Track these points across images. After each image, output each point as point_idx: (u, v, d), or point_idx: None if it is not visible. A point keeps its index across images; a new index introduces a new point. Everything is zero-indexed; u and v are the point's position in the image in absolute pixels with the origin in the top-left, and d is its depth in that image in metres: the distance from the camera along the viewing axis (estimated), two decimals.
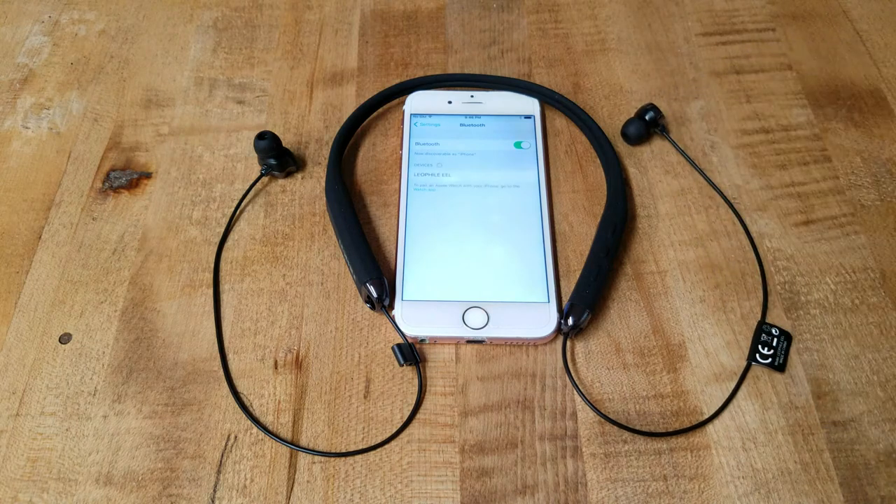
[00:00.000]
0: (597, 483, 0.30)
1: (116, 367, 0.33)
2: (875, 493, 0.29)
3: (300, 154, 0.40)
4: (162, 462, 0.31)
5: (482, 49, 0.45)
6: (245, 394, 0.32)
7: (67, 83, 0.44)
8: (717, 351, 0.33)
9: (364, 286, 0.33)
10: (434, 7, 0.47)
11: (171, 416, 0.32)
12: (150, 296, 0.35)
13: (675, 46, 0.45)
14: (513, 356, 0.33)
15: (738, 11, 0.46)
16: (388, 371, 0.33)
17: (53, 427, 0.32)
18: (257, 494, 0.30)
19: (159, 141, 0.41)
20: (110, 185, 0.39)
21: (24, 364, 0.33)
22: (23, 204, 0.39)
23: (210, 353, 0.33)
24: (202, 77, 0.44)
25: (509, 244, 0.35)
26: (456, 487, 0.30)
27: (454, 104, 0.40)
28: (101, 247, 0.37)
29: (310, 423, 0.31)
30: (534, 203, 0.37)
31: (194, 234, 0.37)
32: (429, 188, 0.37)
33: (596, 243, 0.35)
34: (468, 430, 0.31)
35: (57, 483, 0.30)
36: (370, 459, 0.30)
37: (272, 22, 0.47)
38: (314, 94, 0.43)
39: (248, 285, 0.35)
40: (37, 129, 0.42)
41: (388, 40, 0.45)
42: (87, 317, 0.35)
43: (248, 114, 0.42)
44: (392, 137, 0.41)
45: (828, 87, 0.42)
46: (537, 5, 0.47)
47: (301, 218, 0.38)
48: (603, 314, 0.34)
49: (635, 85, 0.43)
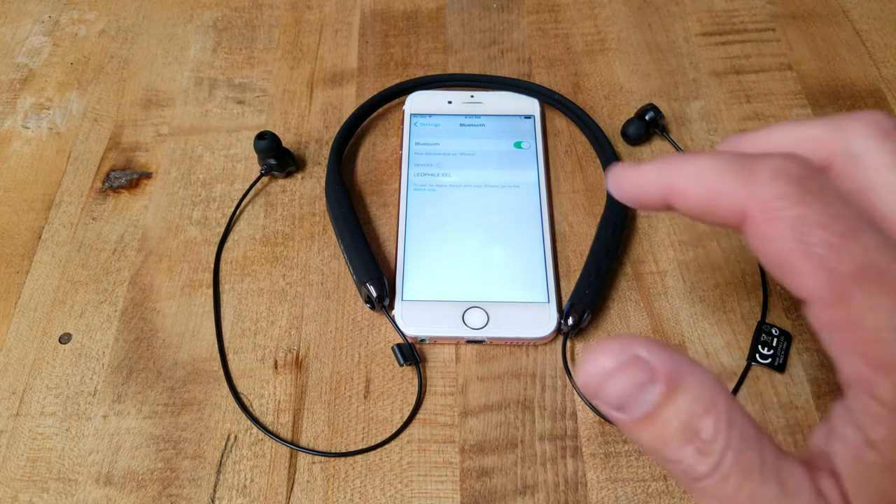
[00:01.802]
0: (597, 483, 0.30)
1: (116, 367, 0.33)
2: None
3: (300, 154, 0.40)
4: (162, 462, 0.31)
5: (482, 49, 0.45)
6: (245, 394, 0.32)
7: (67, 83, 0.44)
8: (717, 351, 0.33)
9: (364, 286, 0.33)
10: (434, 7, 0.47)
11: (171, 416, 0.32)
12: (150, 296, 0.35)
13: (675, 46, 0.45)
14: (513, 356, 0.33)
15: (738, 11, 0.46)
16: (388, 371, 0.33)
17: (53, 427, 0.32)
18: (257, 494, 0.30)
19: (159, 141, 0.41)
20: (110, 185, 0.39)
21: (24, 364, 0.33)
22: (23, 204, 0.39)
23: (210, 353, 0.33)
24: (202, 77, 0.44)
25: (509, 244, 0.35)
26: (456, 487, 0.30)
27: (454, 104, 0.40)
28: (101, 247, 0.37)
29: (310, 423, 0.31)
30: (534, 203, 0.37)
31: (194, 234, 0.37)
32: (429, 188, 0.37)
33: (596, 243, 0.35)
34: (468, 430, 0.31)
35: (57, 483, 0.30)
36: (370, 459, 0.31)
37: (272, 22, 0.47)
38: (314, 94, 0.43)
39: (248, 285, 0.35)
40: (37, 129, 0.42)
41: (388, 40, 0.45)
42: (87, 317, 0.35)
43: (248, 114, 0.42)
44: (392, 137, 0.41)
45: (828, 87, 0.42)
46: (537, 5, 0.47)
47: (301, 218, 0.38)
48: (603, 314, 0.34)
49: (635, 85, 0.43)
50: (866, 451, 0.17)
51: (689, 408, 0.17)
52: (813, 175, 0.18)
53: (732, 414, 0.17)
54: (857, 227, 0.17)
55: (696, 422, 0.17)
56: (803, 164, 0.18)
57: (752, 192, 0.18)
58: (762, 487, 0.17)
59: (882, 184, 0.19)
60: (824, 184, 0.18)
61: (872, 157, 0.19)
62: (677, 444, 0.18)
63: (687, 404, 0.17)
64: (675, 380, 0.18)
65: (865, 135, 0.19)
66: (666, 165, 0.21)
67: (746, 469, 0.17)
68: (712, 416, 0.17)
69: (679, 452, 0.17)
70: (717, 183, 0.19)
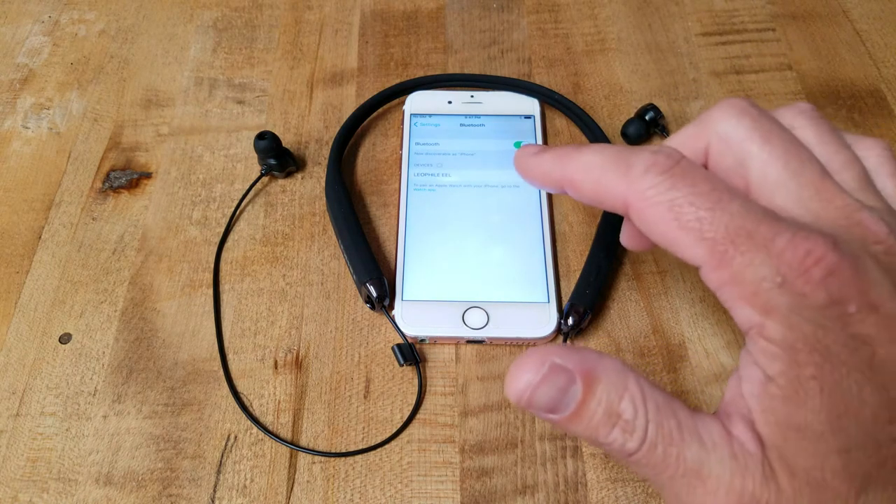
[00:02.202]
0: (597, 483, 0.30)
1: (116, 367, 0.33)
2: None
3: (300, 154, 0.40)
4: (162, 462, 0.31)
5: (482, 49, 0.45)
6: (245, 394, 0.32)
7: (67, 83, 0.44)
8: (717, 351, 0.33)
9: (364, 286, 0.33)
10: (434, 7, 0.47)
11: (171, 416, 0.32)
12: (150, 296, 0.35)
13: (675, 46, 0.45)
14: (513, 356, 0.33)
15: (738, 11, 0.46)
16: (388, 371, 0.33)
17: (53, 427, 0.32)
18: (257, 494, 0.30)
19: (159, 141, 0.41)
20: (110, 185, 0.39)
21: (24, 364, 0.33)
22: (23, 204, 0.39)
23: (210, 353, 0.33)
24: (202, 77, 0.44)
25: (509, 244, 0.35)
26: (456, 487, 0.30)
27: (454, 104, 0.40)
28: (101, 247, 0.37)
29: (310, 423, 0.31)
30: (534, 203, 0.37)
31: (194, 234, 0.37)
32: (429, 188, 0.37)
33: (596, 243, 0.35)
34: (468, 430, 0.31)
35: (57, 483, 0.30)
36: (370, 459, 0.31)
37: (272, 22, 0.47)
38: (314, 94, 0.43)
39: (248, 285, 0.36)
40: (37, 129, 0.42)
41: (388, 40, 0.45)
42: (87, 317, 0.35)
43: (248, 114, 0.42)
44: (392, 137, 0.41)
45: (828, 87, 0.42)
46: (537, 5, 0.47)
47: (301, 218, 0.38)
48: (603, 314, 0.34)
49: (635, 85, 0.43)
50: (767, 385, 0.19)
51: (607, 396, 0.20)
52: (678, 164, 0.21)
53: (644, 390, 0.20)
54: (721, 199, 0.20)
55: (616, 406, 0.20)
56: (669, 156, 0.21)
57: (630, 185, 0.21)
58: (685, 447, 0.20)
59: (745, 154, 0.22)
60: (688, 169, 0.21)
61: (735, 135, 0.22)
62: (606, 430, 0.20)
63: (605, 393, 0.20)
64: (590, 374, 0.20)
65: (726, 117, 0.23)
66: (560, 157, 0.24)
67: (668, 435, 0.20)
68: (628, 398, 0.20)
69: (609, 436, 0.20)
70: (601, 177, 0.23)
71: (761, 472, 0.20)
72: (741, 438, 0.20)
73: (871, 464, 0.19)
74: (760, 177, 0.22)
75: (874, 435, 0.19)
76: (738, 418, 0.21)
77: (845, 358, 0.19)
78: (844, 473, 0.19)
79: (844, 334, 0.19)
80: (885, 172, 0.23)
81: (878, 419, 0.19)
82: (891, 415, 0.19)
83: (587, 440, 0.21)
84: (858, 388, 0.19)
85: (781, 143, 0.22)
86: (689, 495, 0.20)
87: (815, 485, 0.19)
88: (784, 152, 0.22)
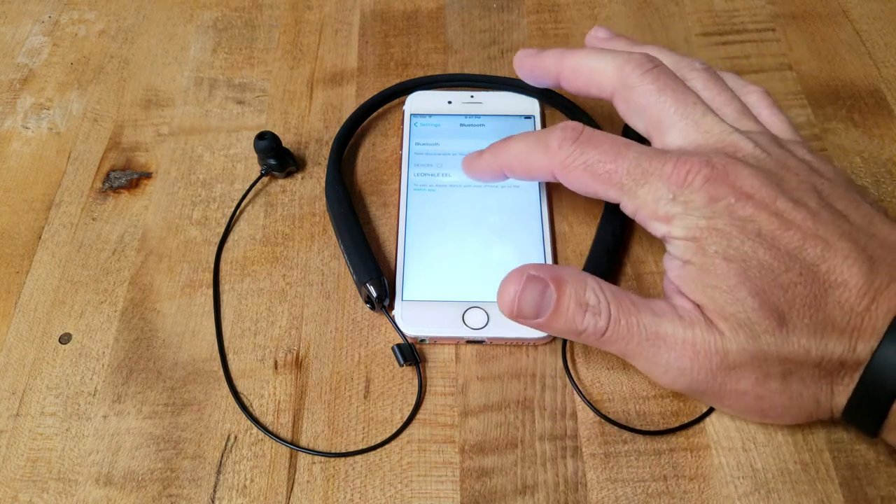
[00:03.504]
0: (597, 483, 0.30)
1: (116, 367, 0.33)
2: (875, 493, 0.29)
3: (300, 154, 0.40)
4: (162, 462, 0.31)
5: (482, 49, 0.45)
6: (245, 394, 0.32)
7: (67, 83, 0.44)
8: None
9: (364, 286, 0.33)
10: (434, 7, 0.47)
11: (171, 416, 0.32)
12: (150, 296, 0.35)
13: (675, 46, 0.44)
14: (513, 356, 0.33)
15: (738, 11, 0.46)
16: (388, 371, 0.33)
17: (53, 427, 0.32)
18: (257, 494, 0.30)
19: (159, 141, 0.41)
20: (110, 186, 0.39)
21: (24, 364, 0.33)
22: (23, 204, 0.39)
23: (210, 353, 0.33)
24: (202, 77, 0.44)
25: (509, 244, 0.35)
26: (456, 487, 0.30)
27: (454, 104, 0.40)
28: (101, 247, 0.37)
29: (310, 424, 0.31)
30: (534, 203, 0.37)
31: (194, 234, 0.37)
32: (429, 188, 0.37)
33: (596, 243, 0.35)
34: (468, 430, 0.31)
35: (57, 483, 0.30)
36: (370, 459, 0.31)
37: (272, 22, 0.47)
38: (314, 94, 0.43)
39: (248, 285, 0.36)
40: (37, 129, 0.42)
41: (388, 40, 0.45)
42: (87, 317, 0.35)
43: (248, 114, 0.42)
44: (392, 137, 0.41)
45: (828, 87, 0.42)
46: (537, 5, 0.47)
47: (301, 218, 0.38)
48: None
49: None
50: (686, 267, 0.27)
51: (575, 291, 0.27)
52: (582, 133, 0.29)
53: (600, 283, 0.27)
54: (620, 151, 0.28)
55: (583, 297, 0.27)
56: (574, 129, 0.29)
57: (552, 159, 0.29)
58: (642, 316, 0.27)
59: (644, 104, 0.30)
60: (590, 135, 0.29)
61: (638, 86, 0.30)
62: (580, 318, 0.27)
63: (572, 289, 0.27)
64: (559, 278, 0.27)
65: (635, 71, 0.30)
66: (494, 153, 0.33)
67: (627, 309, 0.27)
68: (590, 289, 0.27)
69: (584, 323, 0.27)
70: (528, 158, 0.31)
71: (704, 322, 0.26)
72: (681, 304, 0.27)
73: (783, 301, 0.25)
74: (657, 121, 0.29)
75: (777, 280, 0.25)
76: (674, 294, 0.28)
77: (736, 234, 0.26)
78: (762, 310, 0.25)
79: (732, 218, 0.26)
80: (762, 105, 0.31)
81: (776, 269, 0.25)
82: (786, 265, 0.25)
83: (566, 334, 0.28)
84: (753, 250, 0.25)
85: (672, 94, 0.29)
86: (656, 356, 0.26)
87: (744, 322, 0.25)
88: (674, 101, 0.29)
